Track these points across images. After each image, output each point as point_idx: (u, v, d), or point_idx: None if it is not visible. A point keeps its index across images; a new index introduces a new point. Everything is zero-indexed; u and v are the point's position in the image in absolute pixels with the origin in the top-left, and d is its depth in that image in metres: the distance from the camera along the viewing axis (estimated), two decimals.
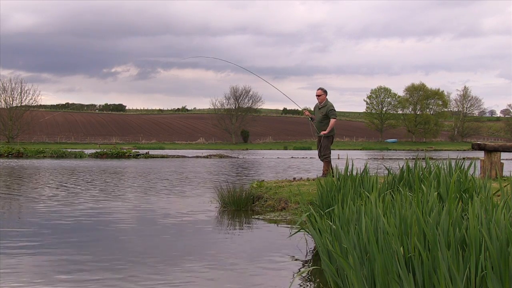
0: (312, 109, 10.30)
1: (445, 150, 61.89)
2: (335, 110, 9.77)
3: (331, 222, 4.74)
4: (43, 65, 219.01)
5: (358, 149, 64.33)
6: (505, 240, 3.04)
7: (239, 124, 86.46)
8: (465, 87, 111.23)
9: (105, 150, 34.27)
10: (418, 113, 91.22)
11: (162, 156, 33.98)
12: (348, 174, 6.49)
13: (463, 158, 8.87)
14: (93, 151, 35.39)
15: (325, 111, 9.73)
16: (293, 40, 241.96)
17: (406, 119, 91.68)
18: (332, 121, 9.68)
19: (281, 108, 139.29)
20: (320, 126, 9.81)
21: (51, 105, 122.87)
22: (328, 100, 9.90)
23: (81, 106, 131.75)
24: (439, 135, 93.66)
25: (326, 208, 6.03)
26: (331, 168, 8.41)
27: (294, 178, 10.76)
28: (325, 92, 9.95)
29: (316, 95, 9.95)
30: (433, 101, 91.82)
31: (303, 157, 34.79)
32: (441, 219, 3.46)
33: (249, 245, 5.99)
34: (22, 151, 33.05)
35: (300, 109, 10.60)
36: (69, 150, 36.78)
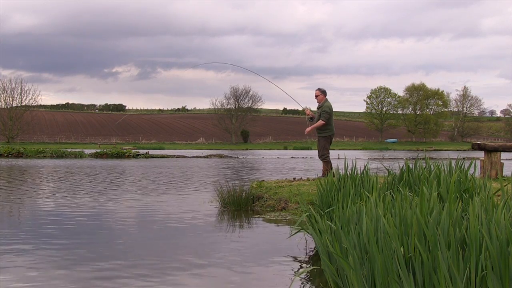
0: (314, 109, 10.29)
1: (445, 150, 61.89)
2: (328, 112, 9.63)
3: (331, 222, 4.74)
4: (44, 65, 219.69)
5: (358, 149, 64.32)
6: (505, 240, 3.03)
7: (239, 124, 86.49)
8: (465, 87, 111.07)
9: (105, 150, 34.26)
10: (418, 113, 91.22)
11: (162, 156, 33.97)
12: (348, 174, 6.49)
13: (463, 158, 8.87)
14: (93, 151, 35.38)
15: (320, 111, 9.74)
16: (293, 41, 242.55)
17: (406, 119, 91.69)
18: (319, 122, 9.65)
19: (281, 108, 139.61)
20: (319, 127, 9.79)
21: (51, 105, 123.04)
22: (328, 100, 9.87)
23: (81, 106, 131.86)
24: (439, 135, 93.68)
25: (326, 208, 6.03)
26: (331, 168, 8.40)
27: (294, 178, 10.75)
28: (323, 92, 9.90)
29: (315, 96, 9.94)
30: (433, 101, 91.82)
31: (303, 157, 34.78)
32: (441, 219, 3.46)
33: (249, 245, 5.98)
34: (22, 151, 33.03)
35: (301, 108, 10.58)
36: (69, 150, 36.77)
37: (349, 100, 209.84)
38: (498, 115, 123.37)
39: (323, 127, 9.75)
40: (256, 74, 11.23)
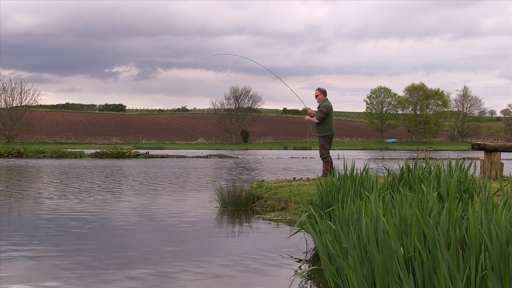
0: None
1: (445, 150, 61.90)
2: (323, 111, 9.60)
3: (331, 222, 4.74)
4: (44, 65, 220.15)
5: (358, 149, 64.31)
6: (505, 240, 3.03)
7: (239, 124, 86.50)
8: (465, 87, 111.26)
9: (105, 150, 34.25)
10: (418, 113, 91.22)
11: (162, 156, 33.97)
12: (348, 174, 6.49)
13: (463, 158, 8.86)
14: (93, 151, 35.39)
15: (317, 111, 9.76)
16: (293, 41, 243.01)
17: (406, 119, 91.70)
18: (313, 119, 9.66)
19: (281, 108, 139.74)
20: (317, 126, 9.80)
21: (51, 105, 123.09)
22: (328, 100, 9.87)
23: (81, 106, 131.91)
24: (439, 135, 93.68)
25: (326, 208, 6.03)
26: (332, 168, 8.40)
27: (294, 178, 10.75)
28: (323, 92, 9.90)
29: (315, 96, 9.95)
30: (433, 101, 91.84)
31: (303, 157, 34.78)
32: (441, 219, 3.46)
33: (249, 245, 5.98)
34: (22, 151, 33.03)
35: (303, 107, 10.58)
36: (69, 150, 36.77)
37: (349, 100, 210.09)
38: (498, 115, 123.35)
39: (321, 127, 9.75)
40: (265, 69, 11.26)
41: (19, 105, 72.20)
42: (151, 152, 37.98)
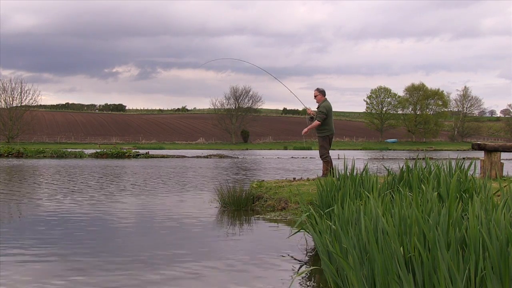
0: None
1: (445, 150, 61.91)
2: (324, 113, 9.57)
3: (331, 222, 4.74)
4: (45, 65, 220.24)
5: (358, 149, 64.31)
6: (505, 240, 3.03)
7: (239, 124, 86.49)
8: (465, 87, 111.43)
9: (105, 150, 34.27)
10: (418, 113, 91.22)
11: (162, 156, 33.98)
12: (348, 174, 6.49)
13: (463, 158, 8.87)
14: (93, 151, 35.39)
15: (317, 112, 9.74)
16: (292, 41, 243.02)
17: (406, 119, 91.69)
18: (314, 122, 9.61)
19: (281, 108, 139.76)
20: (317, 127, 9.78)
21: (51, 105, 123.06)
22: (327, 100, 9.85)
23: (81, 106, 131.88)
24: (439, 135, 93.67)
25: (326, 208, 6.03)
26: (332, 168, 8.39)
27: (294, 178, 10.75)
28: (321, 92, 9.87)
29: (314, 96, 9.94)
30: (433, 101, 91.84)
31: (303, 157, 34.78)
32: (441, 219, 3.46)
33: (249, 245, 5.98)
34: (22, 151, 33.04)
35: (303, 107, 10.55)
36: (69, 150, 36.78)
37: (349, 100, 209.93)
38: (498, 115, 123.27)
39: (320, 127, 9.73)
40: (266, 73, 11.30)
41: (19, 105, 72.19)
42: (151, 152, 37.98)
